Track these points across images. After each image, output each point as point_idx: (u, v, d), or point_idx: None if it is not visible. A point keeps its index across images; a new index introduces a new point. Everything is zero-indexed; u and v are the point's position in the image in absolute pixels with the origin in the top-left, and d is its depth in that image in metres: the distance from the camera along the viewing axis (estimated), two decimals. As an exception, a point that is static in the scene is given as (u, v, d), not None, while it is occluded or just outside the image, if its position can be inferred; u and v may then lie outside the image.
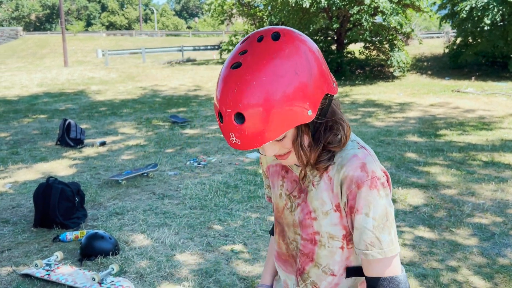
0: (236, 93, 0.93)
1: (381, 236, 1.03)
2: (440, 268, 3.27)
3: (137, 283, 3.09)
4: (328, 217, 1.10)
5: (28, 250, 3.63)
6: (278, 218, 1.24)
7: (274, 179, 1.24)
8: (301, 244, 1.16)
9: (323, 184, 1.10)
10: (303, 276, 1.18)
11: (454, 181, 5.26)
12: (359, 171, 1.04)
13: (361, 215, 1.04)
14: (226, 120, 0.96)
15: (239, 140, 0.96)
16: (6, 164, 6.40)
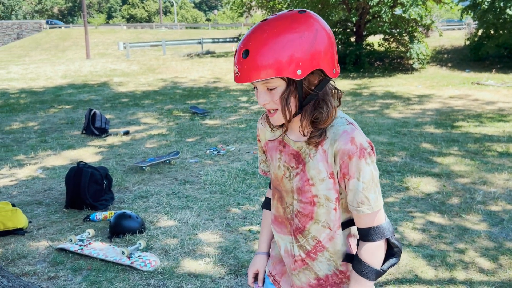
0: (251, 36, 1.21)
1: (369, 195, 1.26)
2: (447, 250, 3.43)
3: (163, 257, 3.33)
4: (324, 183, 1.31)
5: (61, 228, 3.92)
6: (277, 186, 1.43)
7: (273, 153, 1.43)
8: (301, 207, 1.36)
9: (318, 156, 1.30)
10: (303, 233, 1.38)
11: (468, 170, 5.38)
12: (350, 144, 1.25)
13: (354, 179, 1.26)
14: (237, 55, 1.22)
15: (239, 72, 1.21)
16: (36, 151, 6.74)
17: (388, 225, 1.31)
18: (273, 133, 1.44)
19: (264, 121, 1.47)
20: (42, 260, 3.32)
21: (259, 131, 1.51)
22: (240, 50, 1.21)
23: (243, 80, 1.21)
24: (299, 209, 1.37)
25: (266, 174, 1.59)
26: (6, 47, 30.63)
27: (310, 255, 1.39)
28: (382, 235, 1.29)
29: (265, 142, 1.49)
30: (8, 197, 4.79)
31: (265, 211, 1.66)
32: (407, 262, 3.25)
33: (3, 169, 5.83)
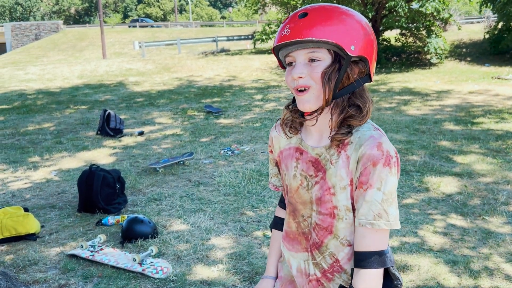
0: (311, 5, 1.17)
1: (389, 209, 1.14)
2: (471, 255, 3.28)
3: (175, 264, 3.26)
4: (345, 191, 1.19)
5: (73, 232, 3.88)
6: (290, 198, 1.32)
7: (288, 162, 1.32)
8: (319, 219, 1.24)
9: (341, 161, 1.19)
10: (321, 249, 1.26)
11: (490, 169, 5.20)
12: (376, 149, 1.14)
13: (373, 189, 1.14)
14: (292, 17, 1.16)
15: (290, 31, 1.13)
16: (51, 153, 6.75)
17: (391, 253, 1.19)
18: (288, 141, 1.33)
19: (279, 128, 1.35)
20: (53, 267, 3.27)
21: (273, 141, 1.40)
22: (295, 13, 1.15)
23: (294, 36, 1.12)
24: (318, 221, 1.25)
25: (278, 189, 1.48)
26: (25, 48, 31.05)
27: (326, 274, 1.27)
28: (383, 263, 1.15)
29: (279, 152, 1.37)
30: (22, 200, 4.78)
31: (274, 231, 1.52)
32: (429, 268, 3.12)
33: (18, 172, 5.84)
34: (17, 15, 62.95)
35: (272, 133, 1.40)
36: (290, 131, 1.30)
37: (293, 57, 1.18)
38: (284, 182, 1.36)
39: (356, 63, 1.17)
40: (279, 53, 1.23)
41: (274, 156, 1.41)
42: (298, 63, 1.16)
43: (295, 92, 1.19)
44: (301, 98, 1.18)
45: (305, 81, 1.16)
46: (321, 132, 1.24)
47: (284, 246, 1.39)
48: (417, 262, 3.20)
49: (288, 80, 1.19)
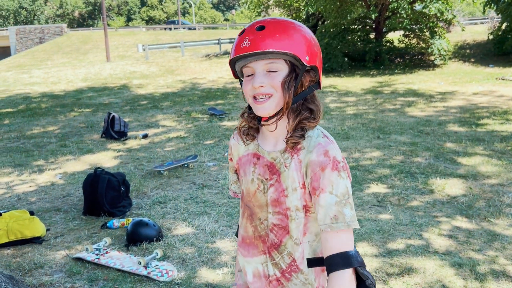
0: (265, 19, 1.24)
1: (344, 210, 1.20)
2: (476, 257, 3.27)
3: (180, 267, 3.26)
4: (296, 192, 1.27)
5: (79, 236, 3.89)
6: (248, 202, 1.38)
7: (246, 167, 1.38)
8: (278, 219, 1.30)
9: (293, 165, 1.27)
10: (279, 249, 1.32)
11: (495, 171, 5.18)
12: (322, 156, 1.22)
13: (326, 193, 1.21)
14: (248, 29, 1.22)
15: (250, 43, 1.20)
16: (55, 156, 6.77)
17: (357, 254, 1.21)
18: (246, 147, 1.39)
19: (237, 136, 1.42)
20: (59, 270, 3.28)
21: (232, 148, 1.45)
22: (251, 26, 1.22)
23: (255, 48, 1.19)
24: (276, 221, 1.31)
25: (237, 195, 1.52)
26: (29, 52, 31.19)
27: (285, 274, 1.32)
28: (349, 264, 1.18)
29: (238, 159, 1.43)
30: (27, 203, 4.80)
31: None
32: (434, 271, 3.11)
33: (23, 175, 5.86)
34: (21, 18, 63.27)
35: (231, 141, 1.46)
36: (247, 138, 1.36)
37: (251, 68, 1.24)
38: (243, 186, 1.41)
39: (308, 72, 1.27)
40: (236, 64, 1.29)
41: (233, 163, 1.46)
42: (258, 73, 1.23)
43: (254, 100, 1.26)
44: (261, 106, 1.25)
45: (266, 89, 1.23)
46: (277, 137, 1.31)
47: (240, 254, 1.43)
48: (423, 264, 3.19)
49: (247, 89, 1.25)
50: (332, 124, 8.19)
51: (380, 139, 6.91)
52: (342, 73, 16.51)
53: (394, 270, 3.13)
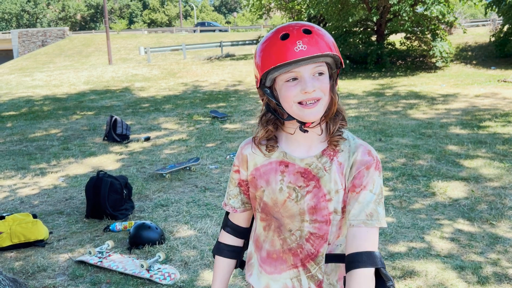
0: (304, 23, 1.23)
1: (378, 208, 1.23)
2: (478, 260, 3.27)
3: (182, 270, 3.27)
4: (338, 195, 1.26)
5: (81, 239, 3.90)
6: (275, 213, 1.31)
7: (270, 177, 1.31)
8: (315, 228, 1.27)
9: (335, 167, 1.26)
10: (316, 259, 1.28)
11: (497, 173, 5.18)
12: (367, 156, 1.25)
13: (366, 191, 1.22)
14: (295, 33, 1.18)
15: (305, 46, 1.17)
16: (58, 159, 6.79)
17: (381, 255, 1.22)
18: (264, 157, 1.33)
19: (254, 147, 1.34)
20: (62, 273, 3.30)
21: (245, 159, 1.36)
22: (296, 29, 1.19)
23: (312, 51, 1.16)
24: (313, 230, 1.27)
25: (236, 210, 1.42)
26: (32, 55, 31.29)
27: (322, 285, 1.29)
28: (375, 263, 1.18)
29: (255, 169, 1.34)
30: (30, 206, 4.82)
31: (218, 259, 1.46)
32: (436, 274, 3.11)
33: (26, 178, 5.88)
34: (23, 22, 63.48)
35: (245, 151, 1.37)
36: (269, 147, 1.31)
37: (296, 72, 1.20)
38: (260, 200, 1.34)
39: None
40: (273, 70, 1.22)
41: (243, 175, 1.38)
42: (307, 78, 1.20)
43: (300, 105, 1.21)
44: (312, 110, 1.21)
45: (316, 93, 1.20)
46: (310, 142, 1.29)
47: (262, 271, 1.36)
48: (425, 267, 3.19)
49: (293, 94, 1.20)
50: (334, 127, 8.19)
51: (382, 142, 6.91)
52: (344, 75, 16.52)
53: (396, 273, 3.13)
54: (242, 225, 1.45)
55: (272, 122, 1.31)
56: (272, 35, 1.22)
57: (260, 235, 1.36)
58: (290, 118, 1.25)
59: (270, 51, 1.20)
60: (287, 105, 1.22)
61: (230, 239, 1.45)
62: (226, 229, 1.46)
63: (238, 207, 1.42)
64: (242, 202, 1.41)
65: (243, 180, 1.38)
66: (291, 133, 1.29)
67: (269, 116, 1.31)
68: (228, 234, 1.46)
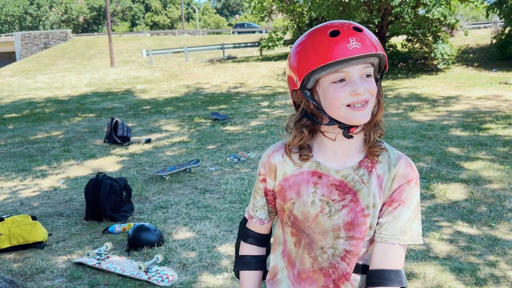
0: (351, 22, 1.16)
1: (413, 225, 1.17)
2: (477, 262, 3.27)
3: (180, 272, 3.27)
4: (375, 209, 1.18)
5: (80, 240, 3.91)
6: (306, 228, 1.22)
7: (302, 188, 1.22)
8: (352, 245, 1.19)
9: (374, 180, 1.18)
10: (351, 279, 1.21)
11: (497, 175, 5.17)
12: (409, 169, 1.18)
13: (404, 207, 1.16)
14: (346, 30, 1.10)
15: (359, 43, 1.09)
16: (59, 161, 6.81)
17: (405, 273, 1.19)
18: (294, 166, 1.22)
19: (285, 154, 1.24)
20: (60, 275, 3.30)
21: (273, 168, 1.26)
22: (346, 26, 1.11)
23: (366, 50, 1.09)
24: (349, 248, 1.18)
25: (264, 222, 1.32)
26: (34, 57, 31.39)
27: None
28: (401, 282, 1.15)
29: (283, 179, 1.24)
30: (30, 208, 4.83)
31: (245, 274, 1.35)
32: (434, 276, 3.11)
33: (26, 180, 5.90)
34: (26, 24, 63.71)
35: (273, 159, 1.26)
36: (302, 158, 1.21)
37: (346, 72, 1.11)
38: (290, 213, 1.24)
39: None
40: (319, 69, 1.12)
41: (270, 185, 1.28)
42: (356, 78, 1.11)
43: (349, 108, 1.12)
44: (361, 113, 1.12)
45: (365, 95, 1.12)
46: (348, 152, 1.20)
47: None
48: (423, 269, 3.18)
49: (342, 96, 1.11)
50: (335, 129, 8.18)
51: (382, 144, 6.89)
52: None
53: (394, 275, 3.12)
54: (265, 233, 1.36)
55: (308, 128, 1.21)
56: (317, 32, 1.13)
57: (292, 251, 1.26)
58: (332, 122, 1.15)
59: (318, 49, 1.10)
60: (334, 108, 1.13)
61: (255, 250, 1.35)
62: (249, 240, 1.34)
63: (265, 218, 1.32)
64: (269, 212, 1.32)
65: (270, 190, 1.28)
66: (332, 138, 1.19)
67: (305, 121, 1.20)
68: (251, 245, 1.35)
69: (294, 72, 1.16)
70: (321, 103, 1.15)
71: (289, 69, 1.19)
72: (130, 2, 71.10)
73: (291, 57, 1.18)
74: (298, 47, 1.16)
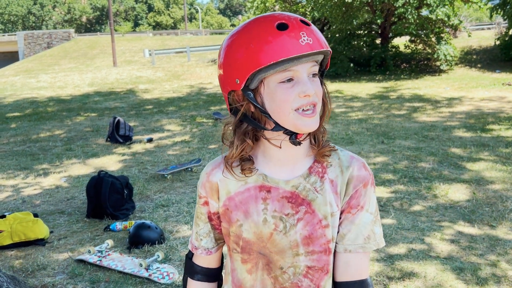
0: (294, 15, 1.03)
1: (375, 228, 1.08)
2: (478, 262, 3.26)
3: (181, 270, 3.28)
4: (334, 218, 1.06)
5: (82, 238, 3.92)
6: (262, 249, 1.08)
7: (250, 206, 1.07)
8: (314, 260, 1.07)
9: (327, 187, 1.06)
10: None
11: (499, 176, 5.16)
12: (363, 170, 1.07)
13: (363, 212, 1.06)
14: (293, 22, 0.97)
15: (311, 39, 0.96)
16: (61, 160, 6.82)
17: (371, 281, 1.10)
18: (238, 183, 1.08)
19: (227, 171, 1.08)
20: (61, 272, 3.31)
21: (215, 188, 1.11)
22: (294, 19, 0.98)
23: (318, 46, 0.97)
24: (311, 263, 1.06)
25: (211, 252, 1.16)
26: (37, 56, 31.47)
27: None
28: None
29: (228, 198, 1.09)
30: (31, 206, 4.84)
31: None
32: (435, 275, 3.10)
33: (28, 178, 5.91)
34: (29, 24, 63.92)
35: (213, 177, 1.11)
36: (245, 172, 1.06)
37: (294, 71, 0.98)
38: (237, 238, 1.09)
39: None
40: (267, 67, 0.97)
41: (214, 208, 1.13)
42: (304, 78, 0.99)
43: (300, 114, 0.99)
44: (312, 119, 1.00)
45: (313, 98, 1.00)
46: (295, 159, 1.07)
47: None
48: (424, 269, 3.18)
49: (291, 98, 0.98)
50: (337, 129, 8.18)
51: (384, 144, 6.90)
52: (348, 78, 16.52)
53: (395, 274, 3.12)
54: (215, 266, 1.19)
55: (250, 135, 1.05)
56: (262, 24, 0.98)
57: (244, 281, 1.11)
58: (278, 128, 1.01)
59: (265, 43, 0.95)
60: (282, 113, 0.98)
61: (205, 287, 1.19)
62: (196, 277, 1.18)
63: (212, 247, 1.16)
64: (216, 239, 1.16)
65: (214, 213, 1.13)
66: (278, 146, 1.04)
67: (246, 127, 1.04)
68: (200, 282, 1.18)
69: (234, 70, 0.99)
70: (266, 106, 1.00)
71: (226, 66, 1.02)
72: (133, 2, 71.25)
73: (228, 52, 1.01)
74: (239, 40, 0.99)
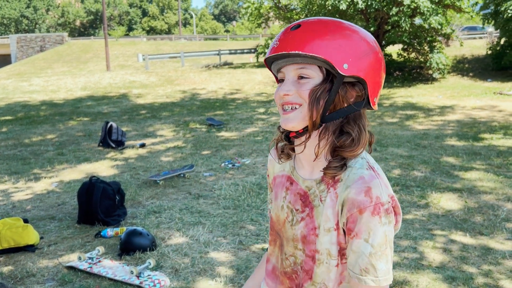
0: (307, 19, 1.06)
1: (377, 264, 1.00)
2: (470, 271, 3.26)
3: (172, 277, 3.25)
4: (329, 234, 1.05)
5: (72, 244, 3.87)
6: (279, 230, 1.18)
7: (279, 190, 1.19)
8: (303, 261, 1.11)
9: (329, 200, 1.06)
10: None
11: (491, 185, 5.18)
12: (363, 195, 0.99)
13: (360, 240, 1.00)
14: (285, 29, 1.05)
15: (278, 43, 1.03)
16: (52, 164, 6.77)
17: None
18: (282, 167, 1.20)
19: (274, 151, 1.21)
20: (51, 279, 3.27)
21: (269, 164, 1.26)
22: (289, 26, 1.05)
23: (281, 49, 1.01)
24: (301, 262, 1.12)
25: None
26: (30, 60, 31.30)
27: None
28: None
29: (273, 177, 1.24)
30: (22, 211, 4.79)
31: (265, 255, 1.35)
32: (427, 284, 3.10)
33: (19, 183, 5.85)
34: (22, 27, 63.61)
35: (270, 156, 1.26)
36: (282, 156, 1.16)
37: (283, 73, 1.06)
38: (273, 212, 1.22)
39: (353, 85, 1.03)
40: (272, 67, 1.11)
41: (270, 180, 1.27)
42: (287, 79, 1.05)
43: (281, 110, 1.07)
44: (285, 117, 1.05)
45: (293, 98, 1.03)
46: (312, 163, 1.10)
47: (266, 284, 1.24)
48: (416, 278, 3.18)
49: (276, 97, 1.07)
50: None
51: (377, 152, 6.91)
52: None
53: (388, 283, 3.11)
54: None
55: None
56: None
57: (270, 250, 1.23)
58: None
59: None
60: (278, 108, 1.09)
61: None
62: None
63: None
64: None
65: (271, 185, 1.27)
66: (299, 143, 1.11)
67: None
68: None
69: None
70: None
71: None
72: (127, 7, 71.19)
73: None
74: None
